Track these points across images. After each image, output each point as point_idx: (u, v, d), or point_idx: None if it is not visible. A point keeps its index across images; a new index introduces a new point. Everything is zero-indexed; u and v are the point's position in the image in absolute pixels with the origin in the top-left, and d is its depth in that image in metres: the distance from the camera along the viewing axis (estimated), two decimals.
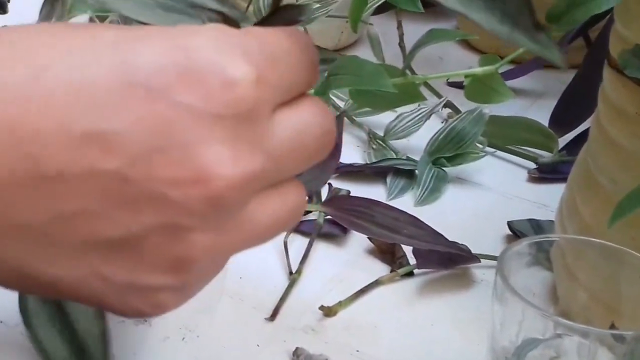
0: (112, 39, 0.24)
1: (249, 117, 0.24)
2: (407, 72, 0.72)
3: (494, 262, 0.54)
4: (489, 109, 0.73)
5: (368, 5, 0.80)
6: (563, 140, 0.76)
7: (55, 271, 0.25)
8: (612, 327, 0.45)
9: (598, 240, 0.47)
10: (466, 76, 0.56)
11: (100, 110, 0.23)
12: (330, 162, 0.45)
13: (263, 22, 0.29)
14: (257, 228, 0.28)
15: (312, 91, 0.53)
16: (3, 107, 0.23)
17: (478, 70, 0.56)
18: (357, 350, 0.55)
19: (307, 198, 0.30)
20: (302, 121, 0.27)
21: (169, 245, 0.25)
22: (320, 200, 0.67)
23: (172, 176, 0.24)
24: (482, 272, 0.62)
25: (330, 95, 0.78)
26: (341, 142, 0.45)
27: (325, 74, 0.55)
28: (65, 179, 0.23)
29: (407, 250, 0.63)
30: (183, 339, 0.48)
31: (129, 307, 0.27)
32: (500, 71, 0.70)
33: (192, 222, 0.25)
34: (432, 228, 0.51)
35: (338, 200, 0.52)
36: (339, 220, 0.49)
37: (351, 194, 0.69)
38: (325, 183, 0.67)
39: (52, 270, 0.25)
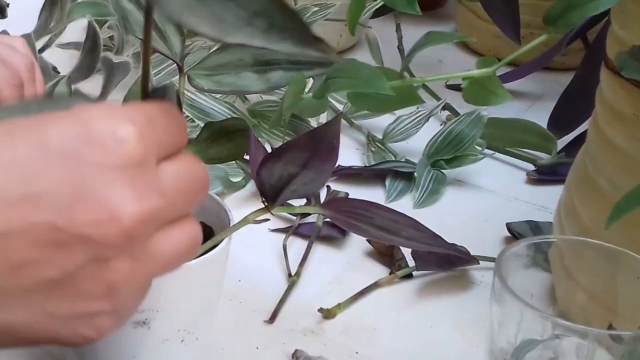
0: (28, 123, 0.31)
1: (140, 165, 0.31)
2: (406, 74, 0.72)
3: (493, 264, 0.54)
4: (488, 111, 0.73)
5: (366, 9, 0.80)
6: (562, 142, 0.77)
7: (8, 317, 0.30)
8: (610, 327, 0.45)
9: (596, 241, 0.47)
10: (464, 79, 0.56)
11: (28, 179, 0.30)
12: (327, 166, 0.45)
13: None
14: (165, 256, 0.33)
15: (310, 94, 0.53)
16: None
17: (475, 72, 0.56)
18: (356, 352, 0.55)
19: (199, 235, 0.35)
20: (182, 170, 0.34)
21: (98, 275, 0.31)
22: (319, 202, 0.67)
23: (91, 219, 0.30)
24: (481, 274, 0.62)
25: (329, 98, 0.78)
26: (338, 144, 0.45)
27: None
28: (8, 236, 0.29)
29: (406, 252, 0.63)
30: (182, 341, 0.48)
31: (78, 336, 0.32)
32: (498, 73, 0.70)
33: (113, 253, 0.31)
34: (430, 230, 0.51)
35: (336, 202, 0.52)
36: (337, 222, 0.49)
37: (350, 197, 0.69)
38: (323, 186, 0.67)
39: (5, 316, 0.30)
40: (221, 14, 0.31)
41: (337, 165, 0.74)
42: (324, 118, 0.75)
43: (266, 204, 0.47)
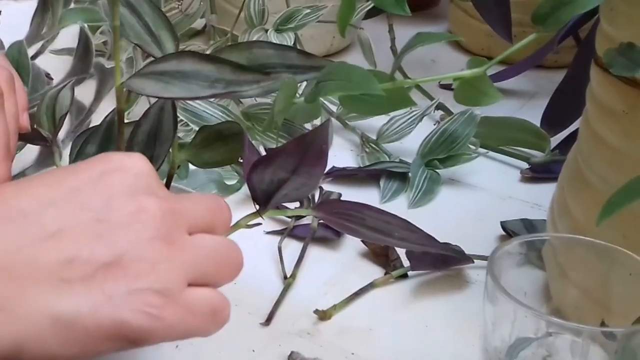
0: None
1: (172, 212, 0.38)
2: (399, 75, 0.72)
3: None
4: (481, 110, 0.73)
5: (358, 10, 0.80)
6: (555, 140, 0.77)
7: (73, 306, 0.33)
8: (603, 324, 0.45)
9: (588, 239, 0.47)
10: (454, 79, 0.56)
11: (76, 188, 0.37)
12: (316, 170, 0.45)
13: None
14: (195, 300, 0.38)
15: (302, 98, 0.53)
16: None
17: (466, 73, 0.56)
18: (352, 353, 0.55)
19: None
20: (215, 240, 0.39)
21: (141, 255, 0.35)
22: (312, 205, 0.67)
23: (127, 211, 0.36)
24: (476, 273, 0.62)
25: (323, 100, 0.78)
26: (327, 149, 0.45)
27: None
28: (62, 232, 0.34)
29: (401, 252, 0.63)
30: (177, 346, 0.48)
31: (141, 314, 0.35)
32: (491, 72, 0.70)
33: (149, 234, 0.36)
34: (423, 230, 0.51)
35: (329, 204, 0.53)
36: (330, 224, 0.49)
37: (343, 198, 0.69)
38: (314, 190, 0.68)
39: (71, 305, 0.33)
40: (188, 87, 0.43)
41: (331, 166, 0.75)
42: (319, 121, 0.75)
43: (258, 208, 0.47)
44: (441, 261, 0.61)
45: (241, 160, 0.49)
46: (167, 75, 0.44)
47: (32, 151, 0.66)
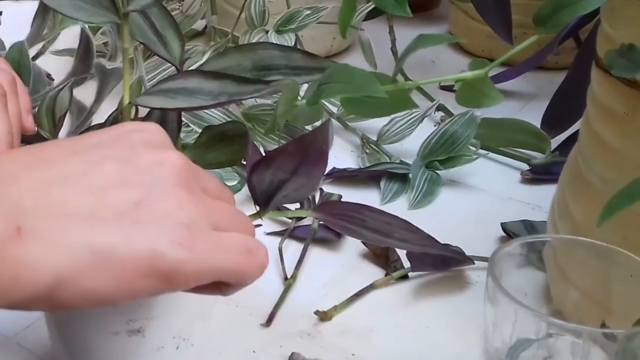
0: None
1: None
2: (400, 78, 0.72)
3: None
4: (481, 112, 0.73)
5: (358, 11, 0.80)
6: (556, 142, 0.77)
7: (109, 238, 0.34)
8: (603, 325, 0.45)
9: (589, 240, 0.47)
10: (456, 81, 0.56)
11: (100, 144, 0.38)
12: (316, 171, 0.45)
13: None
14: (221, 235, 0.38)
15: (304, 101, 0.53)
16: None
17: (468, 74, 0.56)
18: (353, 354, 0.55)
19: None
20: (227, 205, 0.40)
21: (167, 194, 0.36)
22: (312, 206, 0.67)
23: (150, 160, 0.37)
24: (477, 274, 0.62)
25: (324, 102, 0.78)
26: (327, 150, 0.45)
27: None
28: (94, 171, 0.36)
29: (402, 253, 0.63)
30: (177, 348, 0.48)
31: (174, 244, 0.35)
32: (492, 74, 0.70)
33: (173, 180, 0.37)
34: (423, 231, 0.51)
35: (329, 205, 0.52)
36: (330, 225, 0.49)
37: (344, 199, 0.69)
38: (314, 190, 0.67)
39: (107, 238, 0.34)
40: (192, 100, 0.44)
41: (332, 167, 0.75)
42: (320, 123, 0.75)
43: (258, 209, 0.47)
44: (442, 262, 0.61)
45: (244, 162, 0.49)
46: (172, 91, 0.45)
47: None
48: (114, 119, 0.50)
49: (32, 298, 0.33)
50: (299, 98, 0.52)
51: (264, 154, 0.47)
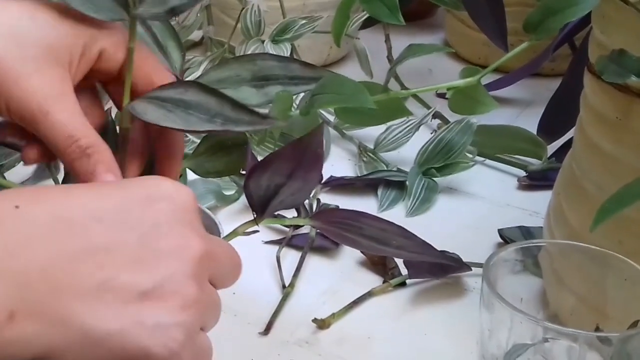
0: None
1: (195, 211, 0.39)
2: (394, 86, 0.73)
3: None
4: (477, 119, 0.74)
5: (353, 20, 0.81)
6: (552, 148, 0.77)
7: (105, 325, 0.34)
8: (597, 329, 0.45)
9: (584, 245, 0.47)
10: (448, 89, 0.56)
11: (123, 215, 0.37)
12: (312, 174, 0.46)
13: None
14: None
15: (297, 111, 0.54)
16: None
17: (460, 82, 0.56)
18: None
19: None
20: (223, 246, 0.41)
21: (178, 291, 0.36)
22: (309, 214, 0.67)
23: (172, 245, 0.37)
24: (474, 281, 0.63)
25: (322, 111, 0.79)
26: (322, 153, 0.46)
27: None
28: (108, 252, 0.35)
29: (399, 261, 0.63)
30: None
31: (162, 346, 0.35)
32: (488, 81, 0.70)
33: (188, 272, 0.37)
34: (420, 238, 0.52)
35: (326, 213, 0.53)
36: (327, 233, 0.49)
37: (342, 207, 0.70)
38: (309, 195, 0.68)
39: (103, 324, 0.34)
40: (187, 118, 0.43)
41: (329, 176, 0.75)
42: None
43: (255, 216, 0.47)
44: (439, 269, 0.62)
45: (243, 172, 0.50)
46: (170, 102, 0.45)
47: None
48: (108, 130, 0.49)
49: None
50: (294, 108, 0.53)
51: None
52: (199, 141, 0.52)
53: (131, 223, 0.36)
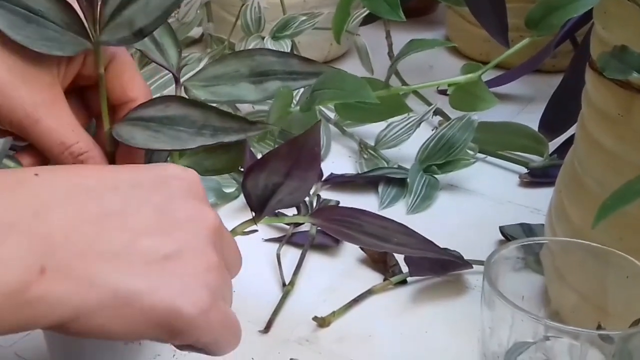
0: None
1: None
2: (394, 83, 0.72)
3: None
4: (479, 115, 0.73)
5: (354, 16, 0.80)
6: (554, 144, 0.77)
7: (135, 283, 0.34)
8: (599, 327, 0.45)
9: (585, 242, 0.47)
10: (449, 85, 0.56)
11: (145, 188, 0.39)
12: (310, 173, 0.45)
13: None
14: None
15: (297, 107, 0.54)
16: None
17: (460, 78, 0.56)
18: None
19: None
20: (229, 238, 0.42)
21: (200, 256, 0.37)
22: (309, 212, 0.67)
23: (190, 214, 0.38)
24: (476, 278, 0.62)
25: (322, 107, 0.78)
26: (319, 151, 0.46)
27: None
28: (131, 212, 0.36)
29: (400, 258, 0.63)
30: (174, 355, 0.48)
31: (191, 303, 0.36)
32: (489, 77, 0.70)
33: (207, 240, 0.38)
34: (421, 235, 0.51)
35: (326, 211, 0.53)
36: (327, 231, 0.49)
37: (343, 204, 0.69)
38: (308, 194, 0.67)
39: (132, 283, 0.34)
40: (177, 135, 0.43)
41: (330, 173, 0.75)
42: None
43: (254, 215, 0.47)
44: (440, 267, 0.61)
45: (242, 169, 0.49)
46: (155, 121, 0.44)
47: None
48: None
49: (42, 327, 0.34)
50: (294, 104, 0.52)
51: None
52: None
53: (146, 195, 0.37)
